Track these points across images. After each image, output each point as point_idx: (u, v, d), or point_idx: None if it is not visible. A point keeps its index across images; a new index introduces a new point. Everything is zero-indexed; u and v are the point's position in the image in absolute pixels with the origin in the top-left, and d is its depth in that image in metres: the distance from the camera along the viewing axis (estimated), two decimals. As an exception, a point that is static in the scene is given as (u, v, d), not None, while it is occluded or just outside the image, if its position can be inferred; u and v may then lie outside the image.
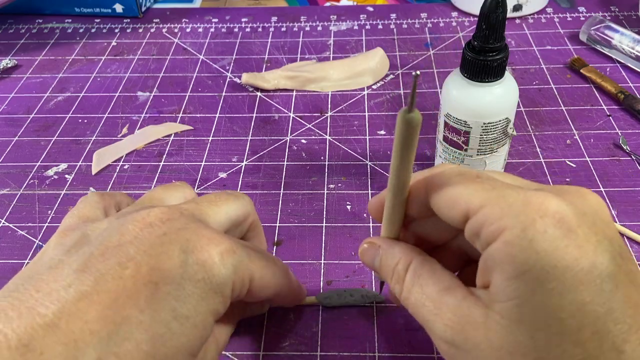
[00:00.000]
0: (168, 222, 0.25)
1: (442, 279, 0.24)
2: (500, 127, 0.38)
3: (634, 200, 0.42)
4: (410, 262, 0.25)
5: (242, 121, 0.51)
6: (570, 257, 0.20)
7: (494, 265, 0.21)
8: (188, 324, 0.23)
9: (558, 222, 0.20)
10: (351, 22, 0.65)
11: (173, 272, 0.23)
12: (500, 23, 0.34)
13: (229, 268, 0.25)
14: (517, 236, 0.20)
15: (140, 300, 0.22)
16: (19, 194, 0.45)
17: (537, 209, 0.21)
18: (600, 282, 0.20)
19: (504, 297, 0.21)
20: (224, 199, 0.29)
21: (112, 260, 0.23)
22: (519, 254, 0.20)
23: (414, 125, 0.21)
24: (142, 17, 0.68)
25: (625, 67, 0.55)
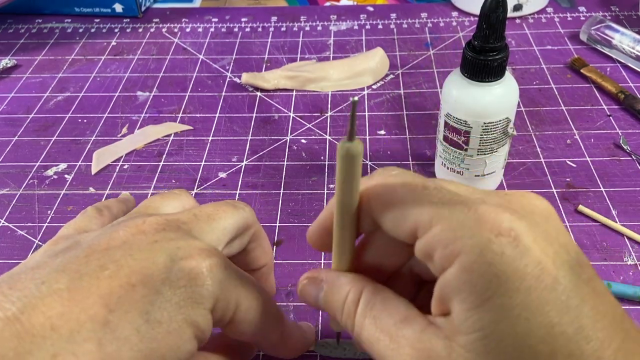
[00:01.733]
0: (163, 231, 0.24)
1: (397, 308, 0.22)
2: (501, 127, 0.38)
3: (634, 200, 0.42)
4: (361, 293, 0.23)
5: (242, 121, 0.51)
6: (532, 276, 0.19)
7: (453, 294, 0.20)
8: (160, 329, 0.22)
9: (514, 240, 0.19)
10: (351, 22, 0.65)
11: (154, 277, 0.22)
12: (501, 23, 0.34)
13: (215, 281, 0.23)
14: (474, 261, 0.19)
15: (112, 300, 0.21)
16: (18, 194, 0.45)
17: (491, 227, 0.19)
18: (566, 298, 0.19)
19: (467, 329, 0.19)
20: (222, 210, 0.28)
21: (94, 262, 0.22)
22: (479, 281, 0.19)
23: (354, 155, 0.20)
24: (141, 17, 0.68)
25: (626, 67, 0.55)
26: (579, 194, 0.42)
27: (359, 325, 0.23)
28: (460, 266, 0.19)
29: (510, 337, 0.19)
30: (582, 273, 0.20)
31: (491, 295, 0.19)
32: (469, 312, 0.19)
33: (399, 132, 0.49)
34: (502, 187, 0.43)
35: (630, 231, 0.39)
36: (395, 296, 0.23)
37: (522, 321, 0.18)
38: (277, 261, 0.39)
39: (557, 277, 0.19)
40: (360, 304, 0.23)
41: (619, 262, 0.37)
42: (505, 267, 0.19)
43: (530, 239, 0.19)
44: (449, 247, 0.20)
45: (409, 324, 0.21)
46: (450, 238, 0.20)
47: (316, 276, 0.25)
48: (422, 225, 0.21)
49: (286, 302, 0.36)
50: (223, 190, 0.44)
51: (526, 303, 0.19)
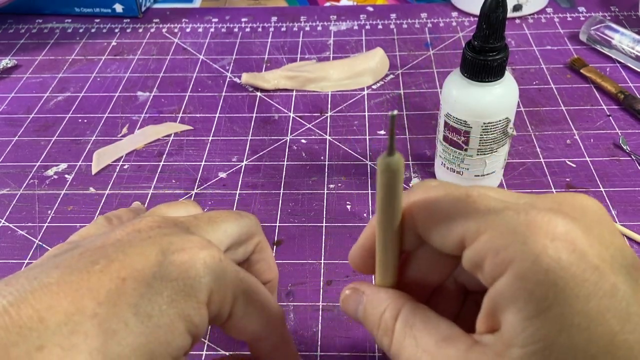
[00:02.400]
0: (157, 229, 0.24)
1: (439, 327, 0.21)
2: (500, 127, 0.38)
3: (634, 200, 0.42)
4: (400, 310, 0.22)
5: (242, 121, 0.51)
6: (590, 283, 0.18)
7: (507, 304, 0.19)
8: (150, 323, 0.21)
9: (570, 244, 0.18)
10: (351, 22, 0.65)
11: (145, 270, 0.22)
12: (500, 23, 0.34)
13: (210, 273, 0.23)
14: (529, 268, 0.18)
15: (101, 293, 0.21)
16: (18, 194, 0.45)
17: (545, 232, 0.18)
18: (626, 305, 0.18)
19: (524, 341, 0.18)
20: (225, 215, 0.28)
21: (86, 259, 0.22)
22: (536, 289, 0.18)
23: (395, 169, 0.20)
24: (142, 17, 0.68)
25: (625, 67, 0.55)
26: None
27: (397, 343, 0.22)
28: (515, 274, 0.18)
29: (571, 348, 0.18)
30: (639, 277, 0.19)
31: (550, 304, 0.18)
32: (526, 321, 0.18)
33: (399, 132, 0.49)
34: (502, 187, 0.43)
35: (630, 231, 0.39)
36: (436, 315, 0.22)
37: (582, 331, 0.18)
38: (277, 261, 0.39)
39: (615, 282, 0.18)
40: (398, 322, 0.22)
41: (618, 262, 0.38)
42: (563, 274, 0.18)
43: (586, 244, 0.18)
44: (501, 255, 0.19)
45: (452, 343, 0.20)
46: (501, 245, 0.19)
47: (358, 288, 0.25)
48: (470, 234, 0.20)
49: (286, 302, 0.36)
50: (223, 190, 0.45)
51: (586, 311, 0.18)
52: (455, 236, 0.20)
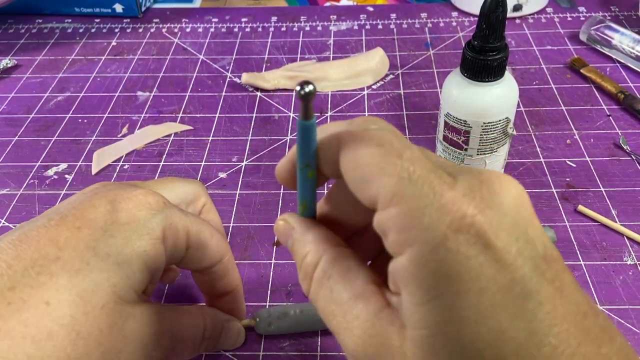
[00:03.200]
0: (103, 187, 0.27)
1: (354, 282, 0.21)
2: (500, 126, 0.38)
3: (634, 200, 0.42)
4: (321, 257, 0.22)
5: (242, 121, 0.51)
6: (486, 277, 0.17)
7: (401, 284, 0.19)
8: (109, 260, 0.24)
9: (473, 236, 0.18)
10: (351, 22, 0.65)
11: (98, 219, 0.25)
12: (500, 23, 0.34)
13: (156, 214, 0.26)
14: (425, 256, 0.18)
15: (60, 241, 0.24)
16: (19, 194, 0.45)
17: (451, 219, 0.18)
18: (522, 301, 0.18)
19: (414, 324, 0.18)
20: (171, 179, 0.31)
21: (42, 219, 0.25)
22: (427, 278, 0.18)
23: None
24: (142, 17, 0.68)
25: (625, 67, 0.55)
26: (579, 194, 0.42)
27: (314, 293, 0.22)
28: (411, 257, 0.18)
29: (457, 339, 0.18)
30: (548, 270, 0.18)
31: (439, 294, 0.18)
32: (416, 306, 0.18)
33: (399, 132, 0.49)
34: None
35: (630, 231, 0.39)
36: (356, 265, 0.22)
37: (471, 323, 0.18)
38: (276, 261, 0.39)
39: (515, 278, 0.18)
40: (317, 270, 0.22)
41: (618, 262, 0.38)
42: (458, 266, 0.18)
43: (493, 235, 0.18)
44: (403, 234, 0.18)
45: (364, 301, 0.20)
46: (405, 224, 0.18)
47: (289, 222, 0.24)
48: (383, 198, 0.19)
49: (286, 302, 0.36)
50: (223, 190, 0.45)
51: (476, 305, 0.18)
52: (370, 192, 0.20)
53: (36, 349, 0.21)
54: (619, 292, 0.36)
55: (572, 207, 0.41)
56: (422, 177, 0.19)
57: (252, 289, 0.37)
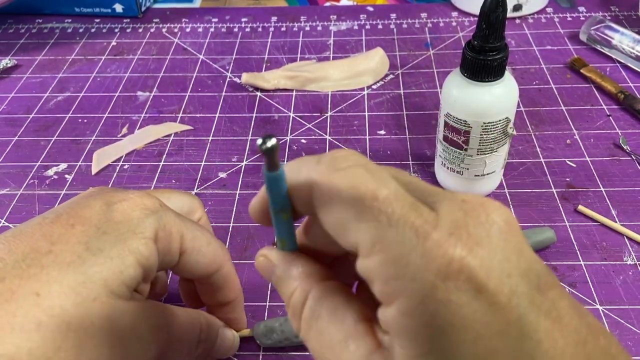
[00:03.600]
0: (99, 190, 0.27)
1: (344, 322, 0.20)
2: (500, 126, 0.38)
3: (634, 200, 0.42)
4: (308, 294, 0.21)
5: (242, 121, 0.51)
6: (481, 324, 0.17)
7: (392, 334, 0.18)
8: (101, 255, 0.24)
9: (464, 282, 0.17)
10: (351, 22, 0.65)
11: (92, 217, 0.25)
12: (500, 23, 0.34)
13: (150, 214, 0.26)
14: (415, 308, 0.17)
15: (54, 236, 0.24)
16: (19, 194, 0.45)
17: (438, 267, 0.17)
18: (519, 343, 0.17)
19: None
20: (169, 190, 0.31)
21: (38, 218, 0.25)
22: (419, 330, 0.17)
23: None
24: (142, 17, 0.68)
25: (625, 67, 0.55)
26: (579, 194, 0.42)
27: (304, 333, 0.22)
28: (400, 310, 0.17)
29: None
30: (544, 302, 0.18)
31: (433, 348, 0.17)
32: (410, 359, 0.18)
33: (399, 132, 0.49)
34: (502, 187, 0.43)
35: (630, 231, 0.39)
36: (344, 301, 0.21)
37: None
38: (277, 261, 0.39)
39: (510, 320, 0.17)
40: (306, 309, 0.21)
41: (618, 262, 0.38)
42: (450, 317, 0.17)
43: (484, 277, 0.17)
44: (389, 285, 0.18)
45: (355, 344, 0.20)
46: (390, 274, 0.18)
47: (270, 257, 0.23)
48: (363, 246, 0.18)
49: (286, 302, 0.36)
50: (223, 190, 0.45)
51: (473, 354, 0.17)
52: (349, 240, 0.19)
53: (24, 339, 0.21)
54: (619, 292, 0.36)
55: (572, 207, 0.41)
56: (402, 218, 0.18)
57: (252, 289, 0.37)
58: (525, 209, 0.42)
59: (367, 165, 0.20)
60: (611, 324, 0.34)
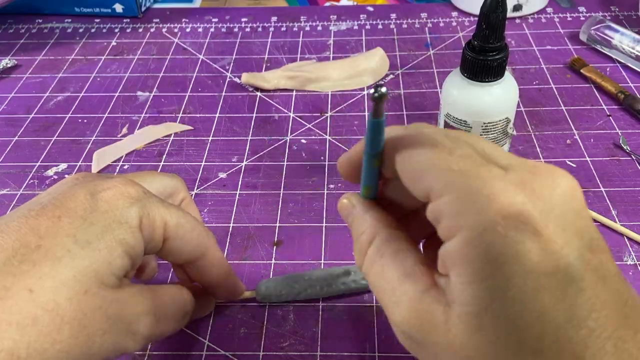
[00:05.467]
0: (81, 178, 0.28)
1: (405, 262, 0.23)
2: (500, 127, 0.38)
3: (634, 200, 0.42)
4: (375, 237, 0.24)
5: (242, 121, 0.51)
6: (532, 262, 0.19)
7: (451, 265, 0.20)
8: (90, 247, 0.24)
9: (521, 223, 0.19)
10: (351, 22, 0.65)
11: (77, 208, 0.25)
12: (500, 23, 0.34)
13: (134, 203, 0.26)
14: (475, 238, 0.19)
15: (41, 230, 0.24)
16: (19, 194, 0.45)
17: (500, 207, 0.19)
18: (564, 286, 0.19)
19: (462, 301, 0.20)
20: (150, 172, 0.32)
21: (22, 209, 0.25)
22: (476, 259, 0.19)
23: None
24: (142, 17, 0.68)
25: (626, 67, 0.55)
26: (579, 194, 0.42)
27: (367, 268, 0.24)
28: (462, 240, 0.20)
29: (501, 317, 0.19)
30: (593, 259, 0.20)
31: (487, 275, 0.19)
32: (464, 285, 0.20)
33: (398, 132, 0.49)
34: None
35: (630, 231, 0.39)
36: (407, 247, 0.23)
37: (515, 304, 0.19)
38: (276, 262, 0.39)
39: (559, 265, 0.19)
40: (371, 247, 0.24)
41: (618, 262, 0.38)
42: (506, 250, 0.19)
43: (541, 224, 0.19)
44: (455, 219, 0.20)
45: (412, 280, 0.22)
46: (457, 210, 0.20)
47: (352, 201, 0.26)
48: (435, 190, 0.21)
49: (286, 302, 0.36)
50: (223, 190, 0.45)
51: (521, 287, 0.19)
52: (423, 186, 0.21)
53: (22, 334, 0.22)
54: (619, 292, 0.36)
55: (572, 207, 0.41)
56: (472, 170, 0.20)
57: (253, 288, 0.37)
58: (525, 209, 0.41)
59: (448, 132, 0.23)
60: (611, 324, 0.34)
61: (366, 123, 0.23)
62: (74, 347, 0.23)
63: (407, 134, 0.23)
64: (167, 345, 0.34)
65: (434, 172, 0.21)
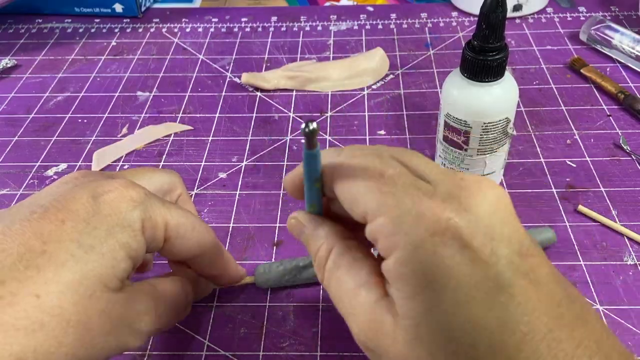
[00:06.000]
0: (82, 177, 0.28)
1: (359, 273, 0.24)
2: (500, 126, 0.38)
3: (634, 200, 0.42)
4: (332, 250, 0.25)
5: (242, 121, 0.51)
6: (462, 274, 0.20)
7: (392, 281, 0.22)
8: (93, 252, 0.24)
9: (450, 239, 0.20)
10: (351, 22, 0.65)
11: (80, 211, 0.25)
12: (500, 23, 0.34)
13: (136, 206, 0.26)
14: (407, 257, 0.21)
15: (45, 234, 0.24)
16: (19, 194, 0.45)
17: (427, 224, 0.20)
18: (495, 294, 0.20)
19: (402, 314, 0.21)
20: (147, 169, 0.32)
21: (24, 211, 0.25)
22: (411, 276, 0.20)
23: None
24: (141, 17, 0.68)
25: (625, 67, 0.55)
26: (579, 194, 0.42)
27: (327, 282, 0.25)
28: (396, 259, 0.21)
29: (438, 328, 0.20)
30: (522, 264, 0.20)
31: (421, 290, 0.20)
32: (403, 300, 0.21)
33: (399, 132, 0.49)
34: (502, 187, 0.43)
35: (630, 231, 0.39)
36: (361, 256, 0.25)
37: (448, 316, 0.20)
38: (277, 261, 0.39)
39: (488, 274, 0.20)
40: (329, 261, 0.25)
41: (618, 262, 0.38)
42: (436, 266, 0.20)
43: (469, 236, 0.20)
44: (389, 239, 0.21)
45: (366, 290, 0.23)
46: (390, 231, 0.21)
47: (300, 220, 0.27)
48: (370, 212, 0.22)
49: (286, 303, 0.36)
50: (223, 190, 0.45)
51: (453, 299, 0.20)
52: (360, 210, 0.23)
53: (29, 339, 0.22)
54: (619, 292, 0.36)
55: (572, 207, 0.41)
56: (402, 189, 0.22)
57: (252, 289, 0.37)
58: (525, 209, 0.42)
59: (378, 149, 0.24)
60: (611, 324, 0.34)
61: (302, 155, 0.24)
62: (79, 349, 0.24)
63: (340, 162, 0.24)
64: (167, 345, 0.34)
65: (367, 196, 0.22)
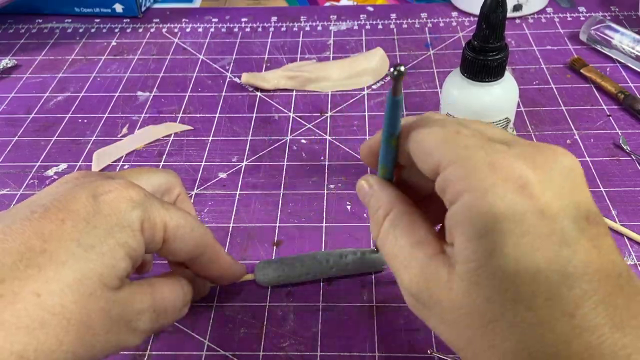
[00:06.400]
0: (82, 177, 0.28)
1: (417, 232, 0.24)
2: (500, 126, 0.38)
3: (634, 200, 0.42)
4: (391, 211, 0.26)
5: (242, 121, 0.51)
6: (529, 223, 0.20)
7: (455, 226, 0.22)
8: (93, 251, 0.25)
9: (520, 187, 0.20)
10: (351, 22, 0.65)
11: (80, 211, 0.25)
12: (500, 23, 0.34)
13: (136, 206, 0.26)
14: (476, 199, 0.21)
15: (45, 233, 0.24)
16: (19, 194, 0.45)
17: (501, 173, 0.21)
18: (559, 248, 0.20)
19: (463, 259, 0.21)
20: (145, 169, 0.32)
21: (24, 210, 0.25)
22: (477, 218, 0.21)
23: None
24: (142, 17, 0.68)
25: (625, 67, 0.55)
26: (579, 194, 0.42)
27: (382, 238, 0.26)
28: (464, 202, 0.21)
29: (499, 273, 0.20)
30: (588, 229, 0.20)
31: (487, 233, 0.20)
32: (466, 243, 0.21)
33: (398, 132, 0.49)
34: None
35: (630, 231, 0.39)
36: (420, 220, 0.25)
37: (511, 261, 0.20)
38: (277, 261, 0.39)
39: (554, 228, 0.20)
40: (387, 220, 0.25)
41: (618, 262, 0.37)
42: (504, 210, 0.20)
43: (538, 190, 0.20)
44: (458, 184, 0.21)
45: (422, 247, 0.24)
46: (461, 176, 0.21)
47: (370, 182, 0.28)
48: (443, 163, 0.22)
49: (286, 302, 0.36)
50: (223, 190, 0.45)
51: (518, 245, 0.20)
52: (433, 163, 0.23)
53: (30, 337, 0.23)
54: (619, 292, 0.36)
55: (572, 207, 0.41)
56: (477, 145, 0.22)
57: (252, 289, 0.37)
58: (525, 209, 0.42)
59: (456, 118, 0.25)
60: (611, 324, 0.34)
61: (386, 102, 0.25)
62: (79, 348, 0.24)
63: (419, 118, 0.26)
64: (167, 345, 0.34)
65: (442, 147, 0.23)
